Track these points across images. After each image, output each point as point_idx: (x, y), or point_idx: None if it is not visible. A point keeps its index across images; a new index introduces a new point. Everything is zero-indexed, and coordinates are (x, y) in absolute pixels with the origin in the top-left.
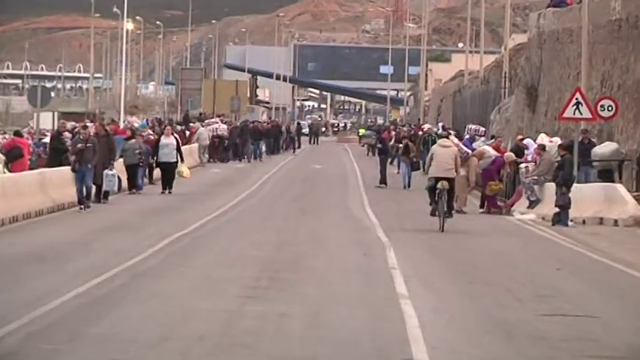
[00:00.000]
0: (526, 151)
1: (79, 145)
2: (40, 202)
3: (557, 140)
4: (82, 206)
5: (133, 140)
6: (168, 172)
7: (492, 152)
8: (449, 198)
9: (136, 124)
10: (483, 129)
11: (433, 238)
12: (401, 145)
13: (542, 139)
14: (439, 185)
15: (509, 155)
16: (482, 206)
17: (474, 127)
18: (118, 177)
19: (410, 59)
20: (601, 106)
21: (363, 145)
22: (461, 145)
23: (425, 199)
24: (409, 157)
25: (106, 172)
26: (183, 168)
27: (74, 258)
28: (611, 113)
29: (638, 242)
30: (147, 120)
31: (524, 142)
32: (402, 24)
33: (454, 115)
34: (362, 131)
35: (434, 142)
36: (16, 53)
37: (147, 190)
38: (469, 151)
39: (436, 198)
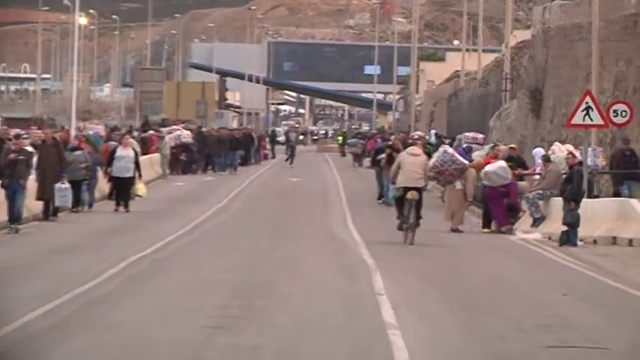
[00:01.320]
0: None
1: (11, 156)
2: None
3: (570, 148)
4: (11, 227)
5: (79, 152)
6: (124, 188)
7: (507, 174)
8: (417, 209)
9: (91, 132)
10: (482, 136)
11: (425, 261)
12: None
13: (560, 148)
14: (408, 195)
15: (479, 161)
16: (485, 225)
17: (470, 135)
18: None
19: (399, 58)
20: (614, 111)
21: (344, 155)
22: (457, 155)
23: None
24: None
25: (58, 185)
26: (139, 185)
27: (18, 284)
28: (626, 119)
29: None
30: (98, 130)
31: (534, 151)
32: (389, 19)
33: (449, 122)
34: (340, 139)
35: (428, 154)
36: None
37: (100, 207)
38: (466, 162)
39: (404, 209)
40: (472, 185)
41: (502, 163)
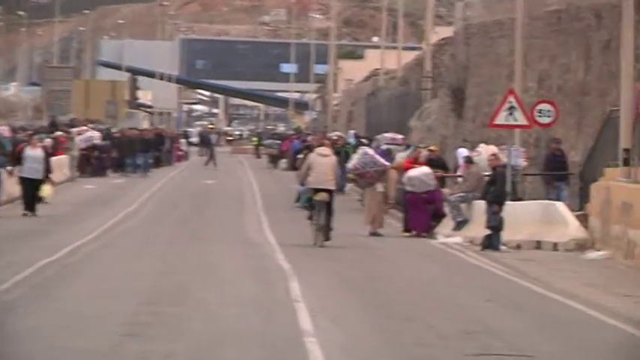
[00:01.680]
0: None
1: None
2: None
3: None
4: None
5: None
6: (32, 190)
7: (431, 181)
8: (328, 211)
9: (7, 134)
10: (401, 137)
11: (344, 265)
12: (301, 156)
13: (486, 149)
14: (317, 197)
15: (400, 163)
16: (406, 229)
17: (389, 135)
18: None
19: (316, 56)
20: (538, 110)
21: (259, 157)
22: (377, 156)
23: (336, 218)
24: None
25: None
26: (45, 187)
27: None
28: (550, 119)
29: (580, 269)
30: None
31: (456, 152)
32: (306, 15)
33: (368, 122)
34: (255, 140)
35: (347, 155)
36: None
37: (6, 212)
38: (387, 164)
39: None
40: (393, 187)
41: (426, 169)
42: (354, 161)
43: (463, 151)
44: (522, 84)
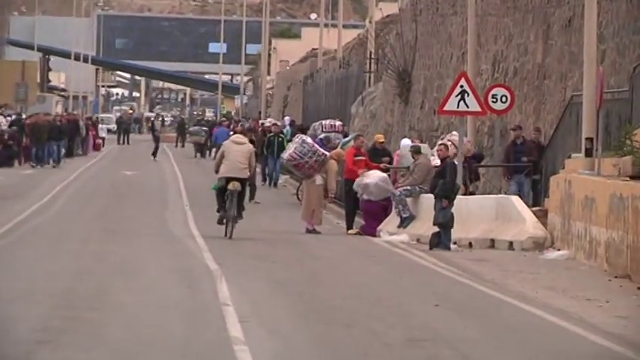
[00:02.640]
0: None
1: None
2: None
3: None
4: None
5: None
6: None
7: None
8: (239, 200)
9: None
10: (339, 124)
11: (278, 267)
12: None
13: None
14: (230, 186)
15: (339, 152)
16: (349, 227)
17: (327, 122)
18: None
19: (248, 35)
20: (493, 95)
21: (180, 146)
22: (316, 146)
23: (270, 215)
24: None
25: None
26: None
27: None
28: (506, 105)
29: (538, 271)
30: None
31: (402, 142)
32: None
33: (305, 107)
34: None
35: (281, 145)
36: None
37: None
38: (327, 153)
39: (225, 200)
40: (334, 179)
41: (381, 173)
42: (290, 151)
43: (407, 142)
44: (475, 66)
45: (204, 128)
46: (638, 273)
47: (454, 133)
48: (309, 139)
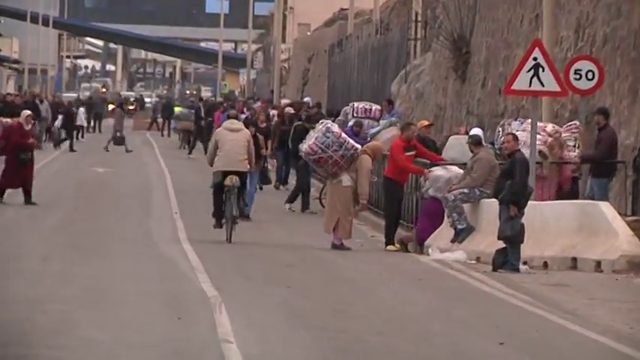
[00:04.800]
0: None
1: None
2: None
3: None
4: None
5: None
6: None
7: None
8: (239, 197)
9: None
10: (377, 108)
11: (294, 293)
12: None
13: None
14: (227, 181)
15: (376, 146)
16: (389, 241)
17: (360, 106)
18: None
19: None
20: (576, 70)
21: (162, 133)
22: (345, 136)
23: (285, 225)
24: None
25: None
26: None
27: None
28: (592, 83)
29: (632, 299)
30: None
31: (473, 131)
32: None
33: (331, 86)
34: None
35: (303, 133)
36: None
37: None
38: (357, 146)
39: (224, 199)
40: (367, 180)
41: (457, 169)
42: (310, 141)
43: (479, 132)
44: (553, 33)
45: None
46: None
47: (513, 122)
48: (335, 127)
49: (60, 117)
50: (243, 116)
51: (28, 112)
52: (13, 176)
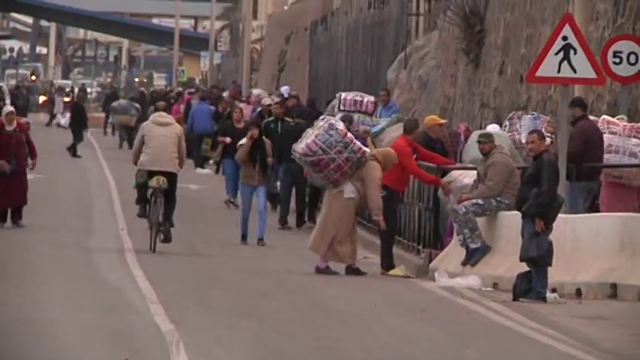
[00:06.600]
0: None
1: None
2: None
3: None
4: None
5: None
6: None
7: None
8: (167, 201)
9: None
10: (371, 99)
11: (270, 328)
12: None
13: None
14: (153, 182)
15: (387, 152)
16: (389, 264)
17: (349, 96)
18: None
19: None
20: (615, 53)
21: (105, 131)
22: (350, 135)
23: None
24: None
25: None
26: None
27: None
28: (636, 69)
29: None
30: None
31: (490, 127)
32: None
33: (313, 72)
34: None
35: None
36: None
37: None
38: (366, 150)
39: (149, 202)
40: (377, 192)
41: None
42: (308, 139)
43: (496, 128)
44: (588, 6)
45: (136, 105)
46: None
47: (524, 116)
48: (340, 124)
49: None
50: (246, 111)
51: None
52: None
